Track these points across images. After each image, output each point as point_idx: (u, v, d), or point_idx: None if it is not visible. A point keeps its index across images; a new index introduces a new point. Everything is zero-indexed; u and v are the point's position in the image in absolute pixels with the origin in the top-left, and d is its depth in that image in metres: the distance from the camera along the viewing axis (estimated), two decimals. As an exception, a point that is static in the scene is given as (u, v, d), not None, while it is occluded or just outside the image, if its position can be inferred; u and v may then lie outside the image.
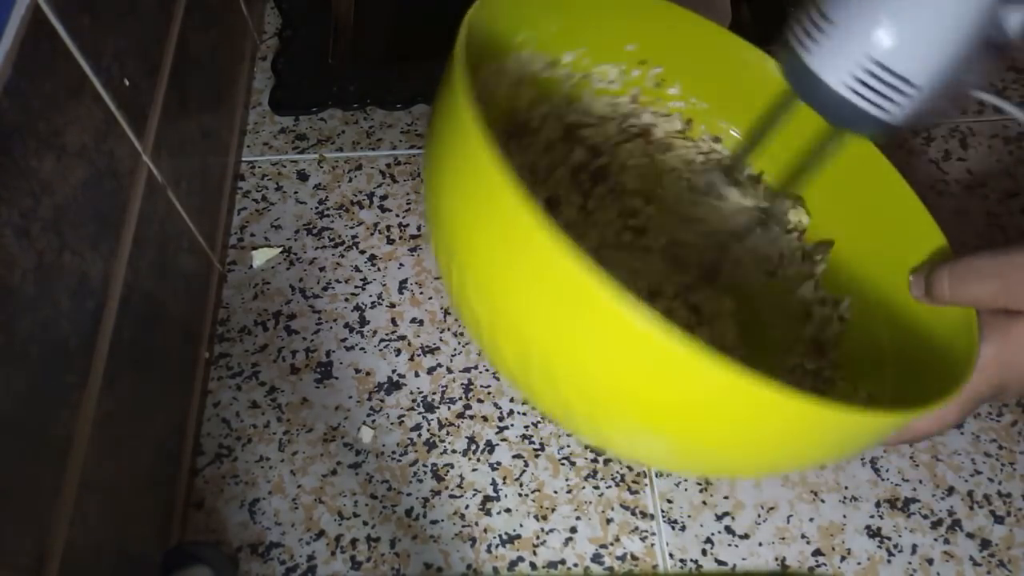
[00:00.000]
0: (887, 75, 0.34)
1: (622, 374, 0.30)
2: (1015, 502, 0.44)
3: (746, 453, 0.33)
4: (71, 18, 0.33)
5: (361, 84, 0.60)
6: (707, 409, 0.30)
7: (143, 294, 0.39)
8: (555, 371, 0.32)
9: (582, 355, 0.30)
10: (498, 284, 0.32)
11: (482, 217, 0.31)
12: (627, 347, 0.29)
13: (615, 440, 0.35)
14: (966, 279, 0.35)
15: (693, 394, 0.29)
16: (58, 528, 0.31)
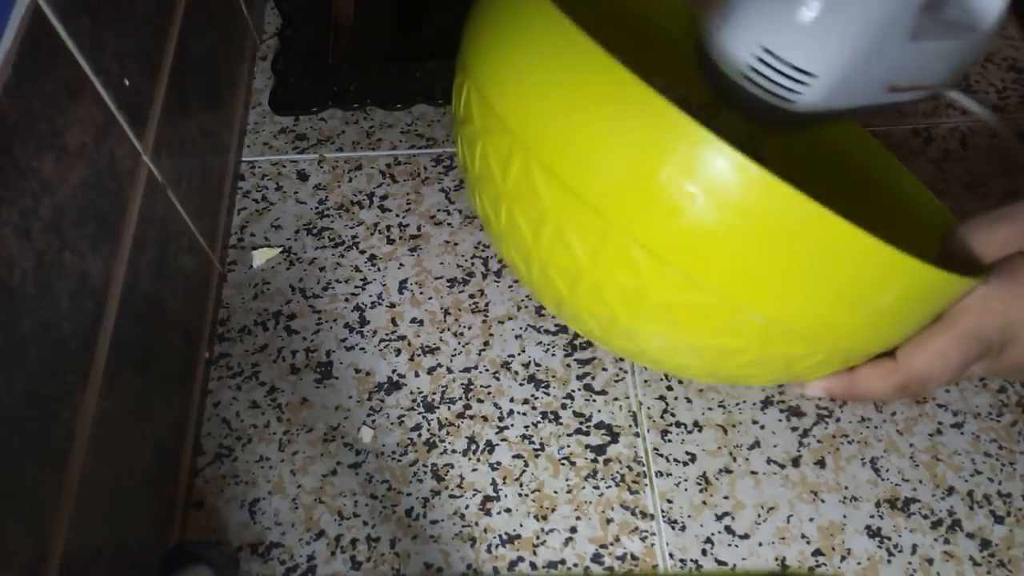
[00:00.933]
0: (780, 64, 0.33)
1: None
2: (1015, 502, 0.44)
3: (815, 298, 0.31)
4: (71, 18, 0.33)
5: (361, 84, 0.60)
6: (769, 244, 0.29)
7: (143, 294, 0.39)
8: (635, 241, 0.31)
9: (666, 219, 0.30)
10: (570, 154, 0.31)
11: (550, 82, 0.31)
12: None
13: None
14: (979, 226, 0.34)
15: (758, 228, 0.29)
16: (58, 528, 0.31)
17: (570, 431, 0.46)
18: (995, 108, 0.59)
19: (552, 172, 0.31)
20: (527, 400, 0.47)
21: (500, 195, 0.35)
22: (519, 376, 0.48)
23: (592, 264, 0.32)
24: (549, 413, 0.47)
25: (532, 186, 0.32)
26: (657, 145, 0.29)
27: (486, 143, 0.34)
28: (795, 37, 0.33)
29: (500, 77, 0.33)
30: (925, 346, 0.34)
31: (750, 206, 0.28)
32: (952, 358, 0.34)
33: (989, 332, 0.33)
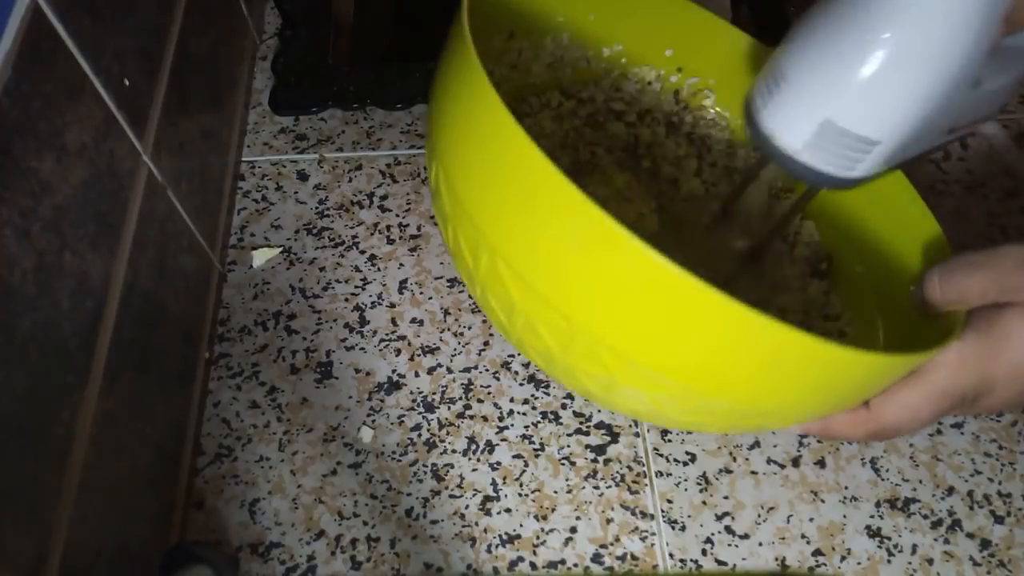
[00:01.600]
0: (843, 137, 0.32)
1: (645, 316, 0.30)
2: (1015, 502, 0.44)
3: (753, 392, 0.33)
4: (71, 18, 0.33)
5: (361, 84, 0.60)
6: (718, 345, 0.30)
7: (143, 294, 0.39)
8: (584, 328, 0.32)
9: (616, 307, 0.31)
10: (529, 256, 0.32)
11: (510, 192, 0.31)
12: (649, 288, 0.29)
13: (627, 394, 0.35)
14: (955, 273, 0.34)
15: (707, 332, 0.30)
16: (58, 528, 0.31)
17: (570, 431, 0.46)
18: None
19: (518, 274, 0.32)
20: (527, 400, 0.47)
21: (473, 277, 0.36)
22: (519, 376, 0.48)
23: (563, 353, 0.34)
24: (549, 413, 0.47)
25: (501, 280, 0.33)
26: (612, 263, 0.30)
27: (456, 228, 0.36)
28: (861, 108, 0.32)
29: (466, 174, 0.34)
30: (897, 400, 0.34)
31: (701, 315, 0.29)
32: (923, 412, 0.34)
33: (963, 387, 0.33)
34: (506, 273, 0.33)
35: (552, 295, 0.32)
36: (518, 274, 0.32)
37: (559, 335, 0.33)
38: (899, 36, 0.30)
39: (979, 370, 0.33)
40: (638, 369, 0.32)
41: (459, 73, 0.33)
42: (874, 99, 0.31)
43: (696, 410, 0.34)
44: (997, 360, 0.33)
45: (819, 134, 0.32)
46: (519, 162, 0.30)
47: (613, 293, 0.30)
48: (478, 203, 0.33)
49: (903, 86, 0.31)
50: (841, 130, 0.32)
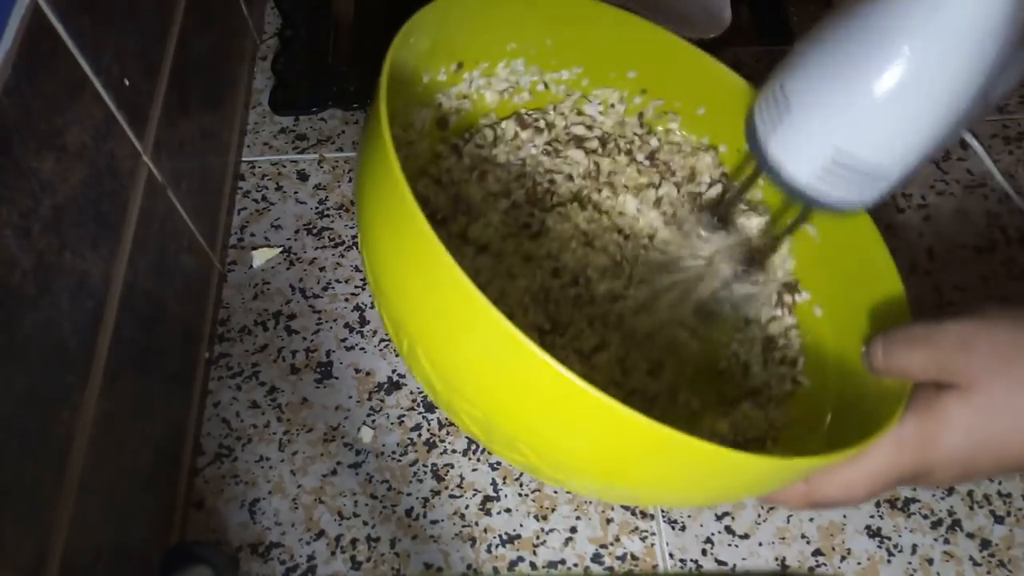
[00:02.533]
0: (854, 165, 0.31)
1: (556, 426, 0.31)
2: (1015, 502, 0.44)
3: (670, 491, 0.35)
4: (71, 18, 0.33)
5: (361, 84, 0.60)
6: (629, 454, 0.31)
7: (143, 294, 0.39)
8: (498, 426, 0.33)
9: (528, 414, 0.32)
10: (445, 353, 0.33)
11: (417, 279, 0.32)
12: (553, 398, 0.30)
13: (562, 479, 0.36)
14: (897, 345, 0.34)
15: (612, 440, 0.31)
16: (58, 528, 0.31)
17: (570, 431, 0.46)
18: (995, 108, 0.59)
19: (435, 366, 0.33)
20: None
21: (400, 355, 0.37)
22: (519, 376, 0.48)
23: (487, 440, 0.35)
24: (549, 413, 0.47)
25: (421, 366, 0.34)
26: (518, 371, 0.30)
27: (380, 306, 0.36)
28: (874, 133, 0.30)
29: (384, 263, 0.34)
30: (834, 479, 0.34)
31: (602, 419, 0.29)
32: (858, 491, 0.34)
33: (900, 471, 0.33)
34: (424, 362, 0.33)
35: (467, 390, 0.32)
36: (435, 366, 0.33)
37: (479, 425, 0.34)
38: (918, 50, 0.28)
39: (917, 455, 0.33)
40: (556, 463, 0.33)
41: (375, 158, 0.33)
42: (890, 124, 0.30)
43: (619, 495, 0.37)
44: (935, 446, 0.32)
45: (831, 165, 0.31)
46: (429, 263, 0.30)
47: (524, 398, 0.31)
48: (397, 292, 0.34)
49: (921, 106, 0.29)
50: (855, 160, 0.31)
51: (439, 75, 0.44)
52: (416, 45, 0.39)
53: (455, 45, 0.44)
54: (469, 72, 0.46)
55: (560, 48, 0.47)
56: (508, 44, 0.46)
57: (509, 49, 0.46)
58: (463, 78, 0.46)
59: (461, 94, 0.46)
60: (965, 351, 0.31)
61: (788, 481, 0.34)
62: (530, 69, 0.47)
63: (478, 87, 0.47)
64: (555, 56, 0.47)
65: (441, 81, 0.45)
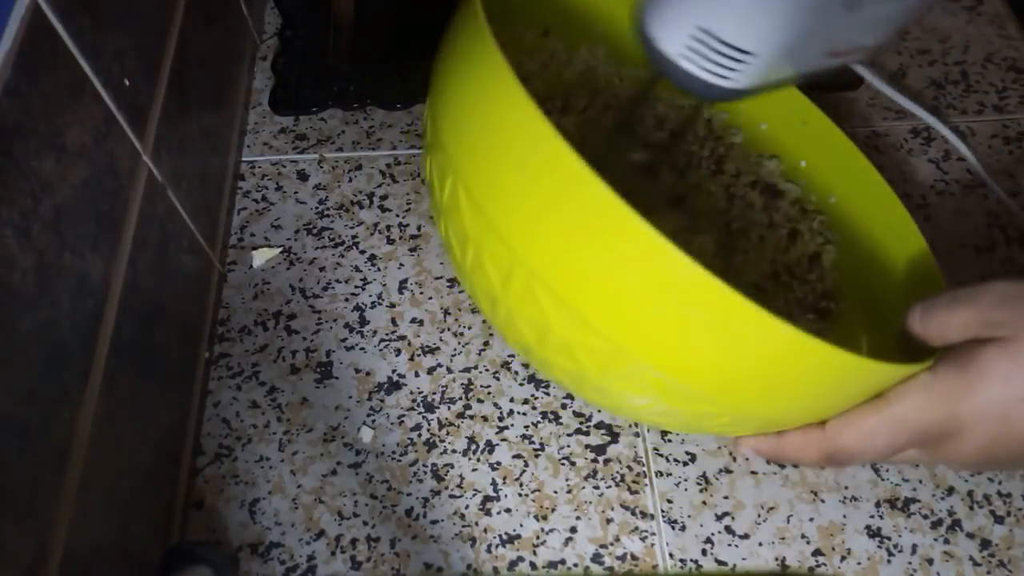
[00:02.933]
0: (718, 44, 0.33)
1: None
2: (1015, 502, 0.44)
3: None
4: (71, 18, 0.33)
5: (361, 84, 0.60)
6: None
7: (143, 294, 0.39)
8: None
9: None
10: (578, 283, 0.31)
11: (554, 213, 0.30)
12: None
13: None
14: (936, 309, 0.33)
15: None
16: (58, 528, 0.31)
17: (570, 431, 0.46)
18: (995, 108, 0.59)
19: (560, 298, 0.31)
20: (527, 400, 0.47)
21: (497, 299, 0.34)
22: (519, 376, 0.48)
23: (600, 375, 0.33)
24: (549, 413, 0.47)
25: (537, 303, 0.32)
26: (665, 284, 0.29)
27: (481, 249, 0.34)
28: (731, 16, 0.32)
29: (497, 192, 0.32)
30: (854, 424, 0.33)
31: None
32: (879, 440, 0.33)
33: (926, 422, 0.32)
34: (544, 297, 0.31)
35: (598, 320, 0.30)
36: (559, 298, 0.31)
37: (600, 357, 0.32)
38: None
39: (947, 406, 0.31)
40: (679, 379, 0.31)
41: (480, 74, 0.31)
42: (746, 8, 0.32)
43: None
44: (968, 398, 0.31)
45: (694, 40, 0.33)
46: (563, 181, 0.29)
47: (666, 314, 0.29)
48: (513, 224, 0.31)
49: None
50: (715, 37, 0.32)
51: (526, 34, 0.44)
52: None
53: (548, 9, 0.43)
54: (554, 42, 0.46)
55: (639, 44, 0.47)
56: (596, 26, 0.46)
57: (595, 32, 0.46)
58: (547, 46, 0.46)
59: (542, 62, 0.46)
60: (1008, 305, 0.30)
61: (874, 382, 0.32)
62: (609, 60, 0.47)
63: (559, 61, 0.47)
64: (635, 51, 0.47)
65: (526, 40, 0.44)
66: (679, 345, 0.30)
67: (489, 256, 0.33)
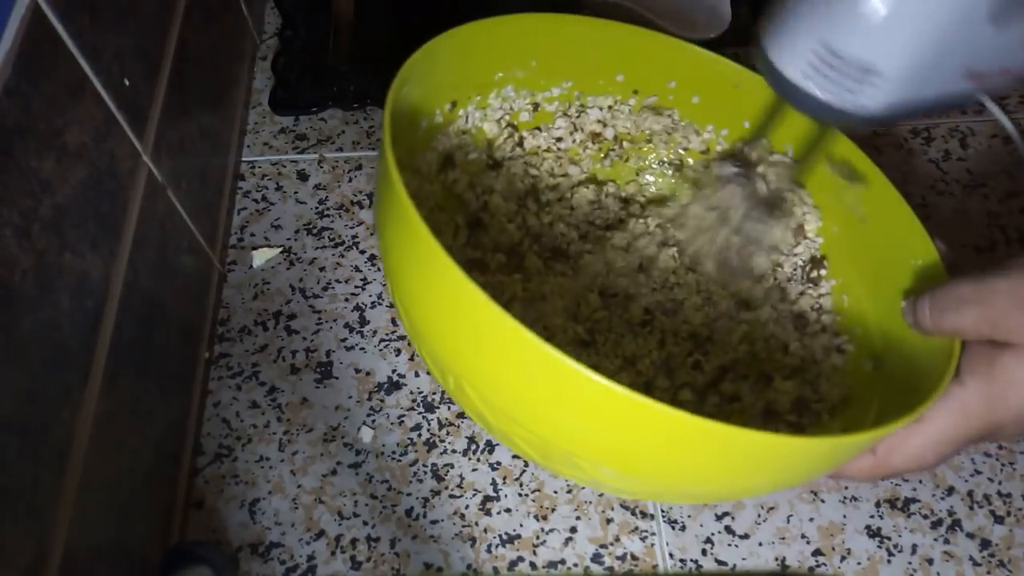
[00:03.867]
0: (840, 62, 0.31)
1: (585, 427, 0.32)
2: (1015, 502, 0.44)
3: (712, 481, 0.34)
4: (71, 18, 0.33)
5: (361, 84, 0.60)
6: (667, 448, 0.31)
7: (143, 294, 0.39)
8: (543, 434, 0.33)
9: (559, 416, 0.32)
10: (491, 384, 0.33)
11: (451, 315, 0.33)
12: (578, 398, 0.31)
13: None
14: (946, 307, 0.33)
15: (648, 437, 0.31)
16: (58, 528, 0.31)
17: (570, 431, 0.46)
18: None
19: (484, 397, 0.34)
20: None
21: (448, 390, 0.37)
22: (519, 376, 0.48)
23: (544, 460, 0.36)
24: (549, 413, 0.47)
25: (470, 399, 0.35)
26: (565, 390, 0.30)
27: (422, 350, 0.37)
28: (855, 29, 0.30)
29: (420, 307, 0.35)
30: (902, 448, 0.34)
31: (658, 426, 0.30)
32: (928, 459, 0.34)
33: (969, 434, 0.33)
34: (472, 395, 0.34)
35: (519, 415, 0.33)
36: (483, 397, 0.33)
37: (535, 447, 0.34)
38: None
39: (984, 417, 0.33)
40: (616, 473, 0.33)
41: (392, 208, 0.34)
42: (874, 22, 0.30)
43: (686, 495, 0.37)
44: (1003, 407, 0.33)
45: (816, 58, 0.31)
46: (459, 297, 0.31)
47: (573, 413, 0.31)
48: (434, 334, 0.34)
49: (905, 7, 0.29)
50: (837, 53, 0.31)
51: (436, 117, 0.46)
52: (409, 94, 0.40)
53: (445, 86, 0.45)
54: (464, 108, 0.47)
55: (546, 67, 0.48)
56: (495, 74, 0.47)
57: (497, 79, 0.47)
58: (459, 115, 0.47)
59: (460, 131, 0.47)
60: (1020, 308, 0.31)
61: (852, 455, 0.34)
62: (521, 93, 0.49)
63: (475, 121, 0.48)
64: (543, 76, 0.48)
65: (438, 123, 0.46)
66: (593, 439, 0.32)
67: (430, 359, 0.37)
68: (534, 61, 0.47)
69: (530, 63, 0.47)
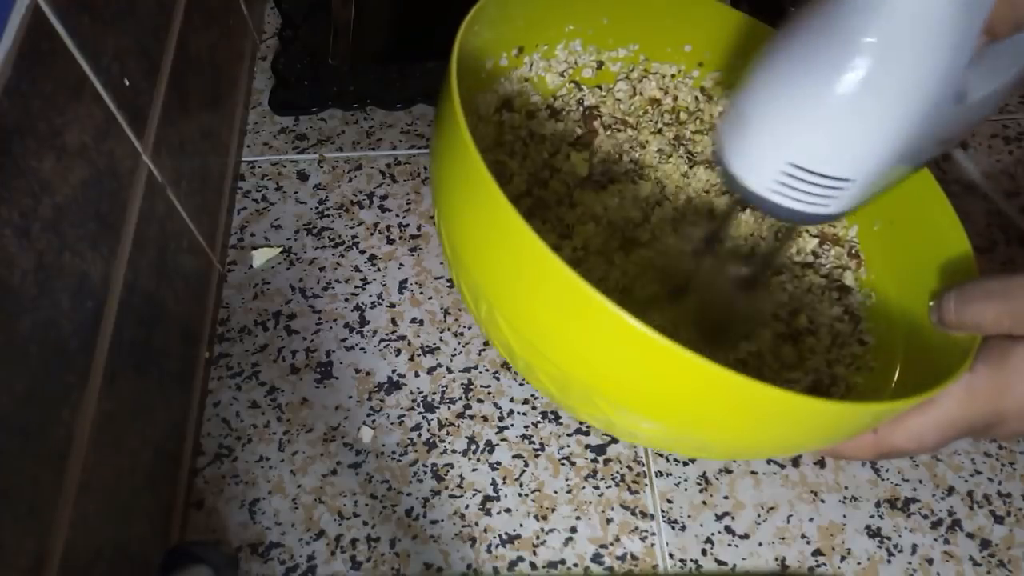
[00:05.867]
0: (813, 177, 0.30)
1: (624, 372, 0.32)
2: (1015, 502, 0.44)
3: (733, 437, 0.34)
4: (71, 18, 0.33)
5: (361, 84, 0.60)
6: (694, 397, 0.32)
7: (143, 294, 0.39)
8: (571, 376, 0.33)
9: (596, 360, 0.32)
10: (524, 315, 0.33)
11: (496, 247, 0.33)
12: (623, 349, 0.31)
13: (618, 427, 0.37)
14: (971, 300, 0.34)
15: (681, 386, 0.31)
16: (58, 528, 0.31)
17: (570, 431, 0.46)
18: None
19: (513, 327, 0.34)
20: (527, 400, 0.47)
21: (477, 320, 0.37)
22: (519, 376, 0.48)
23: (562, 396, 0.35)
24: (549, 413, 0.47)
25: (499, 328, 0.35)
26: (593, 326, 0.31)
27: (458, 276, 0.37)
28: (825, 148, 0.30)
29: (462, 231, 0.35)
30: (904, 427, 0.34)
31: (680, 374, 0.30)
32: (929, 440, 0.34)
33: (972, 419, 0.33)
34: (503, 324, 0.34)
35: (545, 348, 0.33)
36: (513, 327, 0.34)
37: (556, 382, 0.34)
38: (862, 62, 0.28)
39: (989, 404, 0.33)
40: (630, 413, 0.33)
41: (451, 141, 0.34)
42: (840, 135, 0.29)
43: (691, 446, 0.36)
44: (1008, 395, 0.33)
45: (786, 176, 0.31)
46: (508, 232, 0.31)
47: (599, 351, 0.31)
48: (475, 261, 0.35)
49: (870, 118, 0.29)
50: (808, 172, 0.30)
51: (501, 60, 0.46)
52: (480, 33, 0.40)
53: (516, 31, 0.45)
54: (529, 56, 0.47)
55: (616, 26, 0.48)
56: (566, 26, 0.47)
57: (567, 31, 0.47)
58: (524, 62, 0.47)
59: (523, 77, 0.48)
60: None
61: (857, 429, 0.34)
62: (588, 49, 0.49)
63: (539, 70, 0.48)
64: (612, 35, 0.48)
65: (503, 66, 0.46)
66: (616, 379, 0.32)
67: (466, 287, 0.37)
68: (605, 19, 0.47)
69: (601, 20, 0.47)
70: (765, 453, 0.38)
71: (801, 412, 0.31)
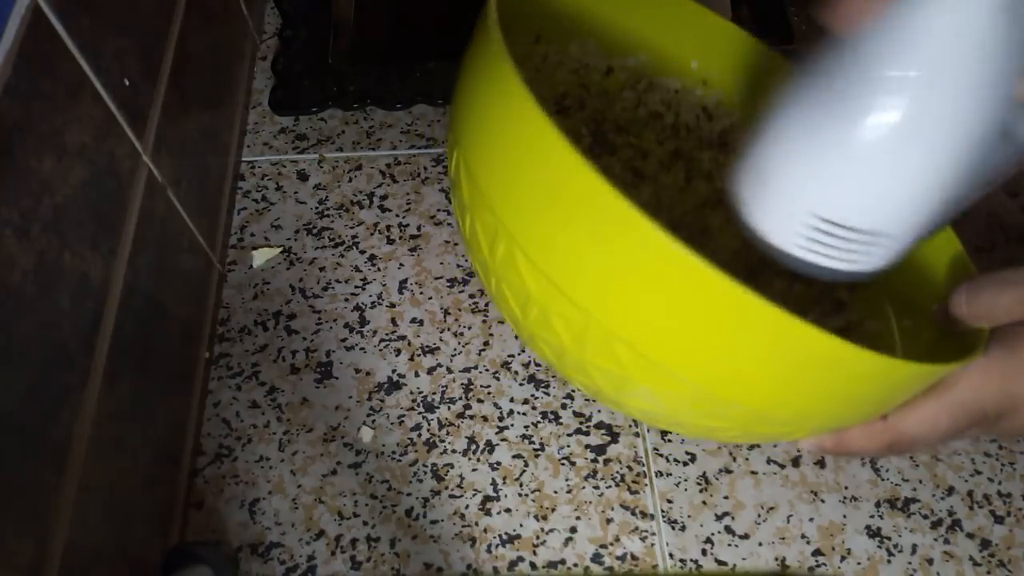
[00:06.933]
0: (843, 231, 0.27)
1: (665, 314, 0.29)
2: (1015, 502, 0.44)
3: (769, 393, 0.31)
4: (71, 18, 0.33)
5: (361, 84, 0.60)
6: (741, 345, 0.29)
7: (143, 294, 0.39)
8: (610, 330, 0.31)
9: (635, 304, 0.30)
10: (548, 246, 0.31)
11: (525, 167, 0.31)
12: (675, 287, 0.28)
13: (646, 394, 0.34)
14: (984, 290, 0.33)
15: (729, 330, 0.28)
16: (58, 528, 0.31)
17: (570, 431, 0.46)
18: None
19: (535, 263, 0.32)
20: (527, 400, 0.47)
21: (488, 268, 0.35)
22: (519, 376, 0.48)
23: (576, 347, 0.33)
24: (549, 413, 0.47)
25: (517, 269, 0.33)
26: (632, 252, 0.28)
27: (474, 217, 0.35)
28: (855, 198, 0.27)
29: (488, 162, 0.33)
30: (916, 412, 0.34)
31: (725, 313, 0.28)
32: (941, 425, 0.34)
33: (985, 404, 0.33)
34: (522, 262, 0.32)
35: (568, 285, 0.31)
36: (534, 263, 0.31)
37: (573, 327, 0.32)
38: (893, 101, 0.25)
39: (1003, 387, 0.33)
40: (653, 366, 0.31)
41: (485, 66, 0.33)
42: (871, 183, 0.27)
43: (709, 413, 0.33)
44: (1021, 379, 0.32)
45: (815, 231, 0.28)
46: (540, 148, 0.29)
47: (631, 283, 0.29)
48: (498, 191, 0.32)
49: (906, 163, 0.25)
50: (839, 226, 0.27)
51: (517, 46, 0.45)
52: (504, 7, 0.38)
53: (538, 16, 0.45)
54: (545, 47, 0.47)
55: (629, 34, 0.48)
56: (584, 23, 0.47)
57: (584, 28, 0.47)
58: (538, 51, 0.47)
59: (534, 67, 0.47)
60: None
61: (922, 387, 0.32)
62: (600, 51, 0.48)
63: (551, 64, 0.48)
64: (624, 42, 0.48)
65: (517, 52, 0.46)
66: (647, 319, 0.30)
67: (482, 227, 0.34)
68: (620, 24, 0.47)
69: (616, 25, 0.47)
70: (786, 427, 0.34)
71: (853, 365, 0.28)
